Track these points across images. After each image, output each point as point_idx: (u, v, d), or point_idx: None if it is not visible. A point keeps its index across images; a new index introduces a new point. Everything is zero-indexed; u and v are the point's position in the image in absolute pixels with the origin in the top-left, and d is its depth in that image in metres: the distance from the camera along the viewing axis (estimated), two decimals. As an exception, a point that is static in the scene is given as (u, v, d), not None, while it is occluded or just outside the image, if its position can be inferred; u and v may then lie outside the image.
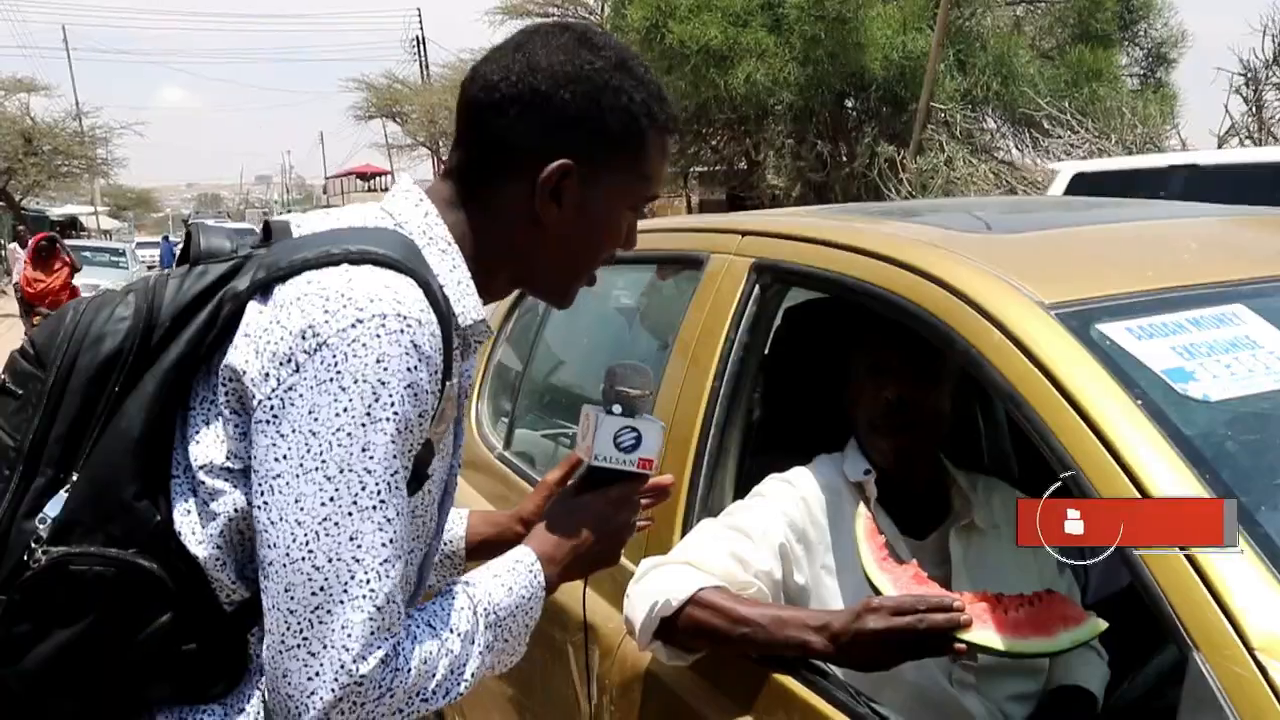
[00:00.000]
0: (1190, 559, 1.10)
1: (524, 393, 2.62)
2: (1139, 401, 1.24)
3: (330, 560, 1.00)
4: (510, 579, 1.17)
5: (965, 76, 12.98)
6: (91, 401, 1.08)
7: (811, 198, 14.07)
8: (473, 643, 1.11)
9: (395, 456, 1.02)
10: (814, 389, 1.83)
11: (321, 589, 1.00)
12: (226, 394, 1.06)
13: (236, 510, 1.07)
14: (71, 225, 33.13)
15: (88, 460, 1.08)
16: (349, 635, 1.01)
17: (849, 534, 1.60)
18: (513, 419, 2.60)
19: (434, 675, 1.06)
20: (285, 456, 1.01)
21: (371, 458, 1.01)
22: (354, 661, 1.01)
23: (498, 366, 2.74)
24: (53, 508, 1.07)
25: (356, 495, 1.01)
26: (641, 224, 1.29)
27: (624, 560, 1.82)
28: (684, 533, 1.69)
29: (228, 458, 1.07)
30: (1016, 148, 13.74)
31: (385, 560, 1.02)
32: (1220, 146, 6.71)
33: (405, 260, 1.08)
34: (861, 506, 1.55)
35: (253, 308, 1.07)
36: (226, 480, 1.07)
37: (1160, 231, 1.89)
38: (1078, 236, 1.83)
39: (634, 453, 1.23)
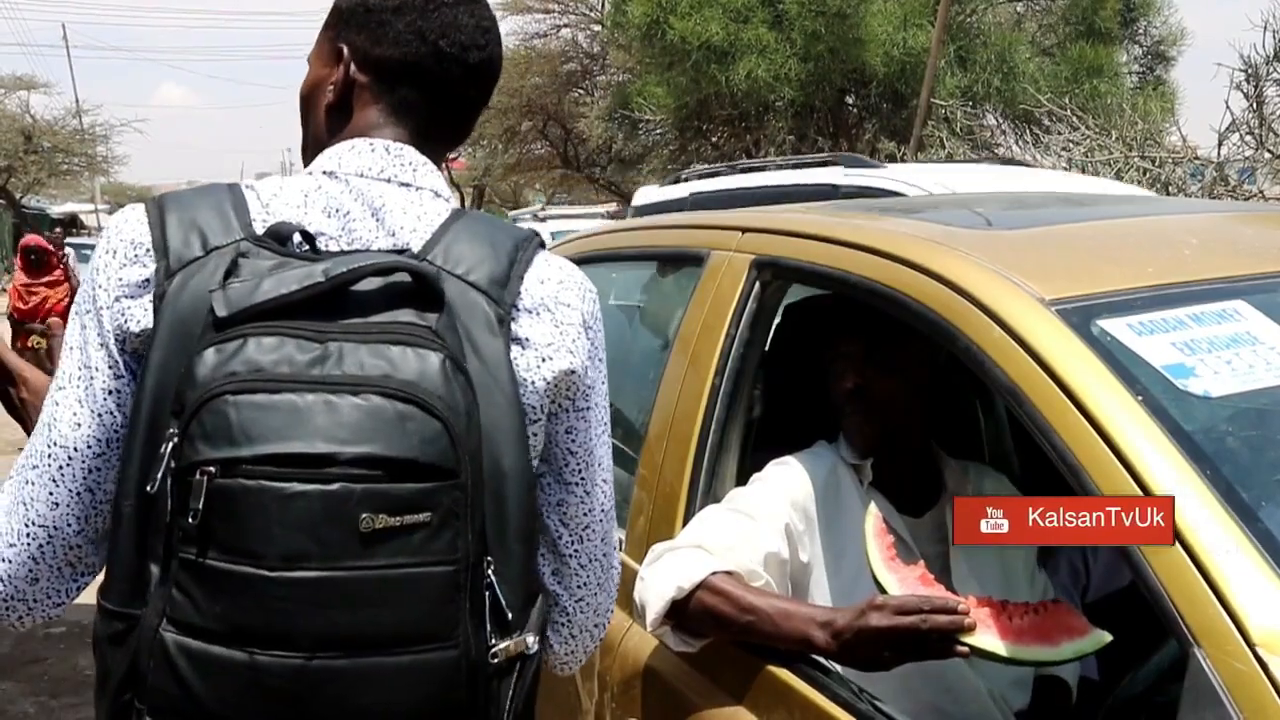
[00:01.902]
0: (1191, 555, 1.10)
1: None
2: (1139, 397, 1.24)
3: (612, 498, 1.18)
4: None
5: (966, 73, 12.96)
6: (482, 479, 1.00)
7: (812, 194, 14.03)
8: None
9: None
10: (814, 386, 1.83)
11: (613, 523, 1.19)
12: (554, 401, 1.11)
13: None
14: (72, 223, 33.11)
15: (499, 532, 1.02)
16: (615, 548, 1.21)
17: (850, 514, 1.64)
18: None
19: None
20: (592, 434, 1.14)
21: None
22: (618, 563, 1.22)
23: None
24: (505, 599, 1.01)
25: (610, 439, 1.18)
26: (642, 221, 1.35)
27: (626, 558, 1.82)
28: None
29: None
30: (1017, 144, 13.73)
31: None
32: (1221, 143, 6.70)
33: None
34: (872, 505, 1.55)
35: (512, 326, 1.08)
36: None
37: (1161, 227, 1.89)
38: (1078, 233, 1.83)
39: None
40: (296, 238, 1.06)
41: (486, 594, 1.00)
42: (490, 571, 1.01)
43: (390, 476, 0.95)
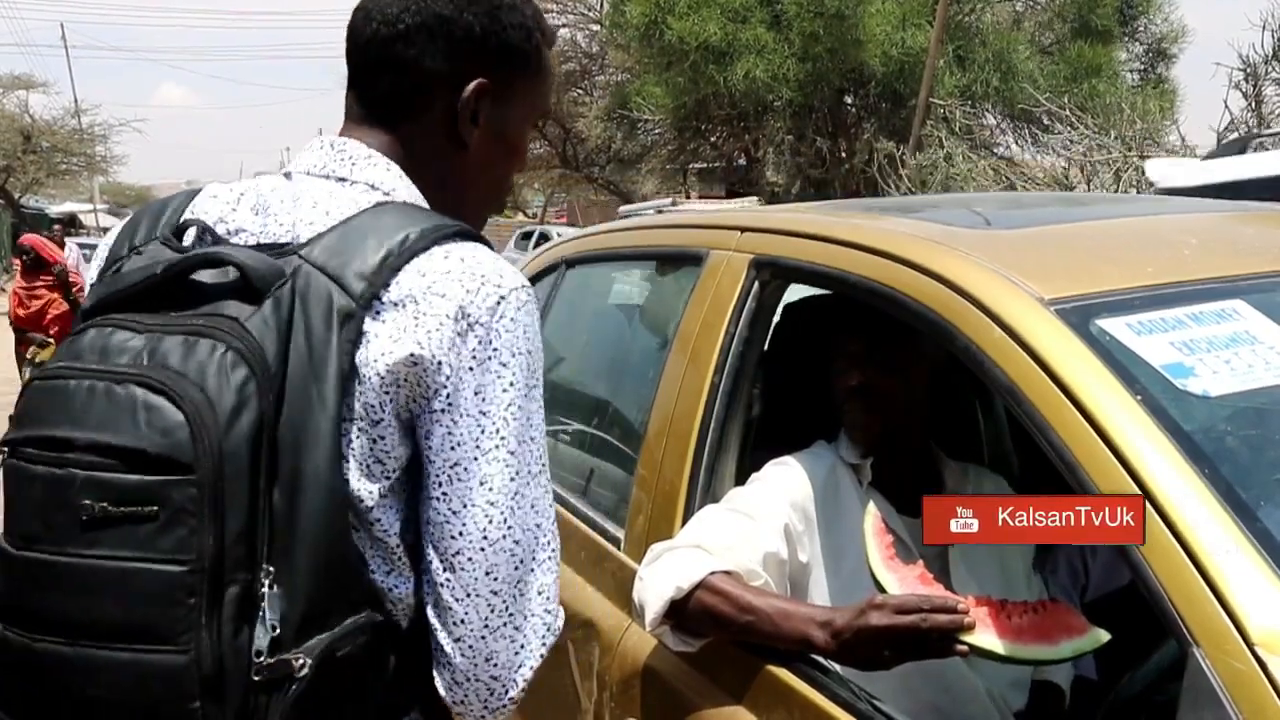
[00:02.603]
0: (1190, 555, 1.10)
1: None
2: (1138, 397, 1.24)
3: (524, 532, 1.04)
4: None
5: (964, 72, 12.98)
6: (256, 482, 0.96)
7: (811, 194, 14.07)
8: None
9: (542, 420, 1.07)
10: (813, 384, 1.83)
11: (522, 562, 1.04)
12: (392, 400, 1.01)
13: (402, 525, 1.05)
14: (70, 223, 33.09)
15: (287, 541, 0.97)
16: (547, 598, 1.06)
17: (849, 515, 1.64)
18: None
19: None
20: (461, 443, 1.01)
21: (533, 425, 1.05)
22: (555, 619, 1.07)
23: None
24: (273, 611, 0.96)
25: (529, 464, 1.04)
26: (641, 220, 1.30)
27: (624, 557, 1.83)
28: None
29: (373, 478, 1.03)
30: (1016, 144, 13.76)
31: (553, 520, 1.07)
32: (1220, 142, 6.69)
33: (471, 229, 1.09)
34: (871, 505, 1.56)
35: (368, 320, 1.01)
36: (382, 503, 1.04)
37: (1160, 227, 1.88)
38: (1077, 232, 1.83)
39: None
40: (207, 234, 1.09)
41: (263, 603, 0.96)
42: (268, 580, 0.96)
43: (124, 466, 0.94)
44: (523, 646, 1.04)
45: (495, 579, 1.02)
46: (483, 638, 1.02)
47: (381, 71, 1.14)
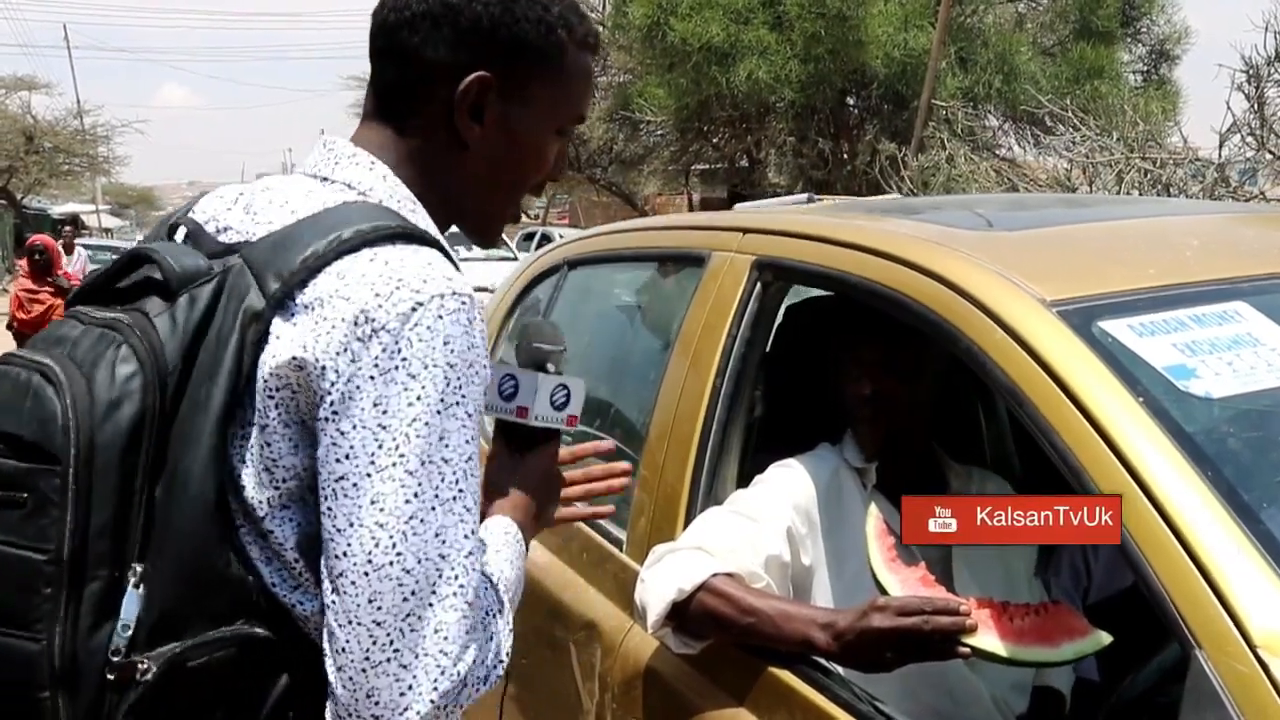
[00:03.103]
0: (1192, 556, 1.10)
1: (525, 390, 2.61)
2: (1141, 399, 1.24)
3: (419, 561, 0.94)
4: (509, 552, 1.12)
5: (967, 74, 12.98)
6: (129, 478, 0.95)
7: (813, 195, 14.04)
8: (506, 620, 1.06)
9: (468, 441, 0.98)
10: (815, 386, 1.83)
11: (413, 593, 0.94)
12: (278, 405, 0.98)
13: (302, 538, 1.00)
14: (73, 223, 33.11)
15: (159, 542, 0.96)
16: (445, 638, 0.96)
17: (853, 518, 1.64)
18: (514, 417, 2.59)
19: (495, 658, 1.03)
20: (349, 456, 0.94)
21: (448, 446, 0.96)
22: (454, 663, 0.96)
23: (499, 364, 2.73)
24: (128, 611, 0.95)
25: (438, 488, 0.95)
26: (643, 221, 1.28)
27: (626, 558, 1.83)
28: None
29: (264, 487, 0.99)
30: (1018, 145, 13.76)
31: (469, 553, 0.97)
32: (1222, 144, 6.68)
33: (422, 232, 1.04)
34: (873, 506, 1.56)
35: (277, 321, 0.98)
36: (279, 514, 1.00)
37: (1162, 229, 1.89)
38: (1079, 234, 1.83)
39: (565, 410, 1.23)
40: (185, 230, 1.11)
41: (127, 600, 0.95)
42: (134, 579, 0.95)
43: (9, 451, 0.97)
44: (410, 688, 0.94)
45: (379, 608, 0.94)
46: (363, 670, 0.94)
47: (387, 60, 1.11)
